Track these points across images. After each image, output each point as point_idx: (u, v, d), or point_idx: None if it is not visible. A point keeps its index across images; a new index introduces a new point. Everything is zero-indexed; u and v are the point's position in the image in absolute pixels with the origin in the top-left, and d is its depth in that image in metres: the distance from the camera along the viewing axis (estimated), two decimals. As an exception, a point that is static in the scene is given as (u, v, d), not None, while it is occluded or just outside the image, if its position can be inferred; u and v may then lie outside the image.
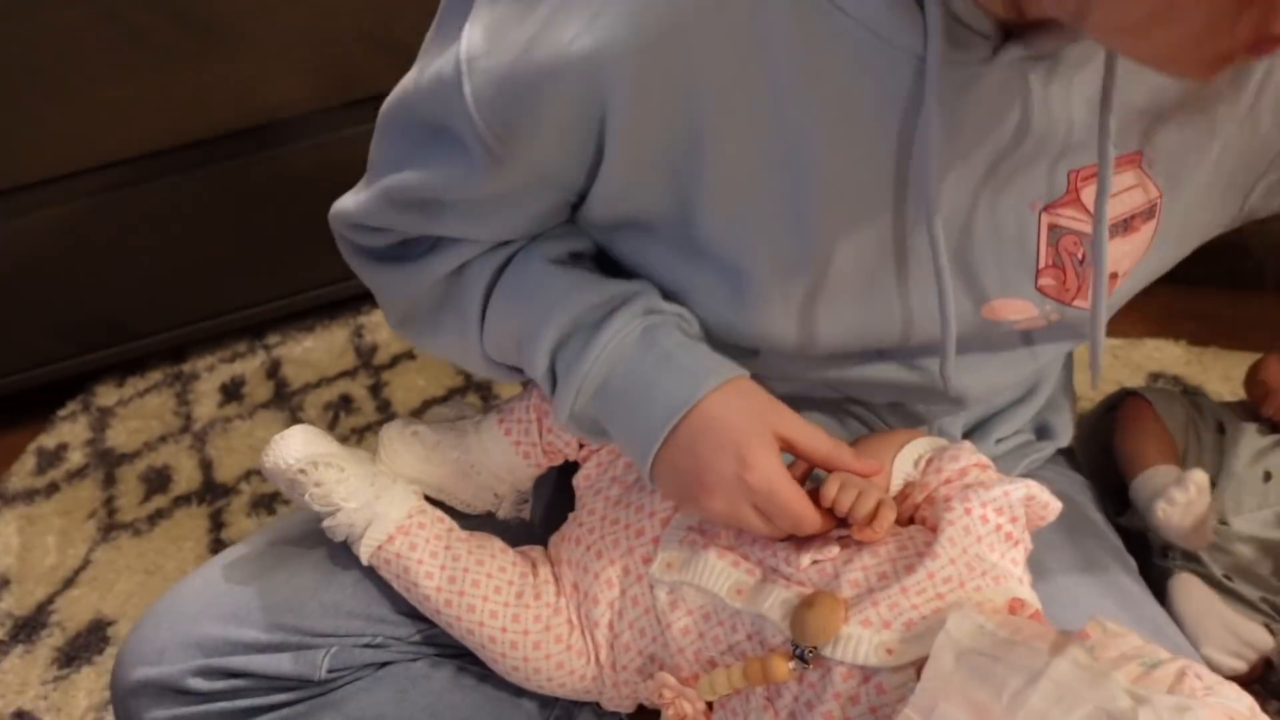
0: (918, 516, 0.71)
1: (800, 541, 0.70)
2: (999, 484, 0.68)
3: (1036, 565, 0.70)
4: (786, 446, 0.68)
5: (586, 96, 0.60)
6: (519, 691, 0.79)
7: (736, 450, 0.66)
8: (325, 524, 0.77)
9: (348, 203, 0.72)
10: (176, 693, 0.73)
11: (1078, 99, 0.62)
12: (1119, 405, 1.01)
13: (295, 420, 1.33)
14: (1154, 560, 0.96)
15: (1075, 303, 0.69)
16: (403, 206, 0.68)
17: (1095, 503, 0.90)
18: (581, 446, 0.80)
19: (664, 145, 0.62)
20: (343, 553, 0.78)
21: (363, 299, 1.47)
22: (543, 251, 0.71)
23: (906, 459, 0.73)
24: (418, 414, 1.31)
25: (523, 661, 0.75)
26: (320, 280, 1.42)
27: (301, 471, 0.75)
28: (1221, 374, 1.18)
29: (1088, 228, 0.66)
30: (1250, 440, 0.99)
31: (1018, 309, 0.69)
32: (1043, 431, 0.91)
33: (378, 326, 1.44)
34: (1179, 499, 0.87)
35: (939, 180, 0.62)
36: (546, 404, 0.78)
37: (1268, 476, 0.97)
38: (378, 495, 0.77)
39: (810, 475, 0.72)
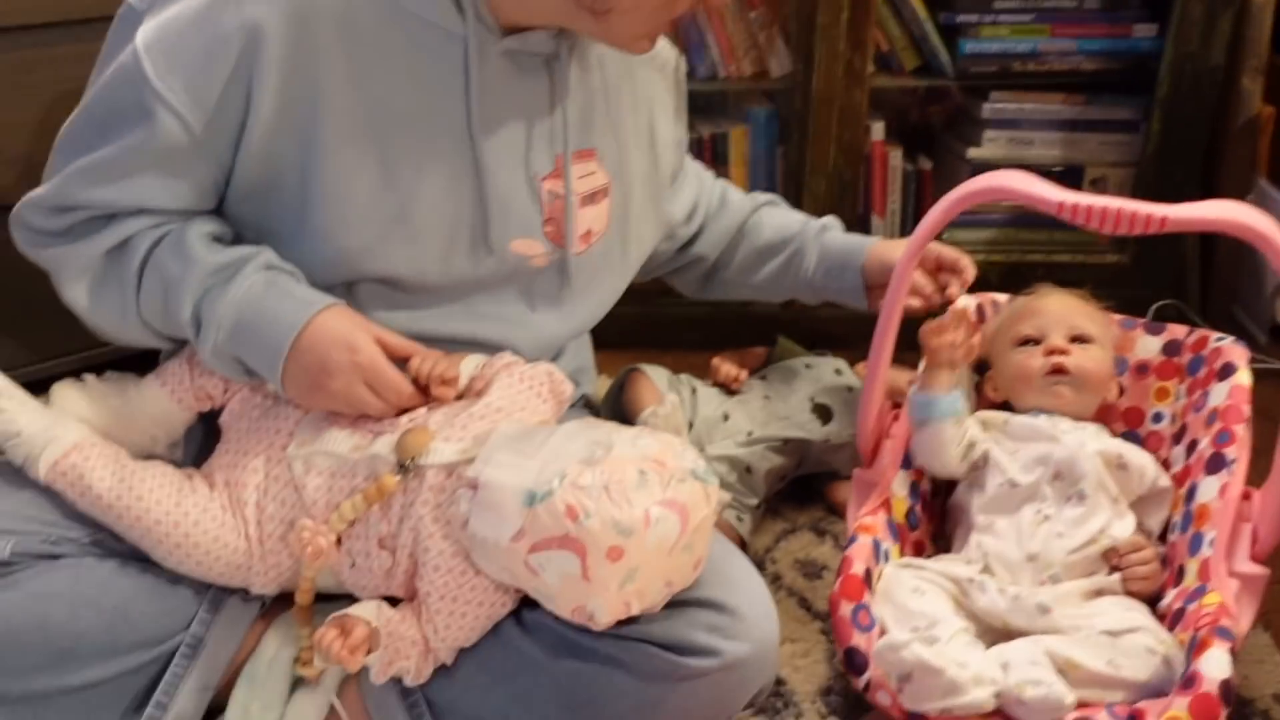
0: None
1: (397, 413, 1.00)
2: (529, 366, 1.03)
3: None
4: (380, 345, 0.99)
5: (241, 62, 0.91)
6: (177, 578, 0.98)
7: (346, 343, 0.95)
8: (7, 446, 0.95)
9: (38, 191, 0.96)
10: None
11: (571, 97, 1.03)
12: (624, 381, 1.41)
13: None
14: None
15: (564, 247, 1.07)
16: (94, 180, 0.93)
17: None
18: (226, 390, 1.05)
19: (295, 104, 0.94)
20: (20, 475, 0.96)
21: None
22: (192, 229, 0.98)
23: (470, 363, 1.06)
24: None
25: (184, 538, 0.96)
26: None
27: (-13, 401, 0.94)
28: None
29: (570, 194, 1.06)
30: (713, 398, 1.43)
31: (532, 247, 1.06)
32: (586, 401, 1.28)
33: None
34: (661, 412, 1.26)
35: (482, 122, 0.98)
36: (197, 355, 1.03)
37: (725, 417, 1.40)
38: (54, 423, 0.97)
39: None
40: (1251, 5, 1.69)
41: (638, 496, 0.87)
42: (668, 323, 1.80)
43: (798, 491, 1.46)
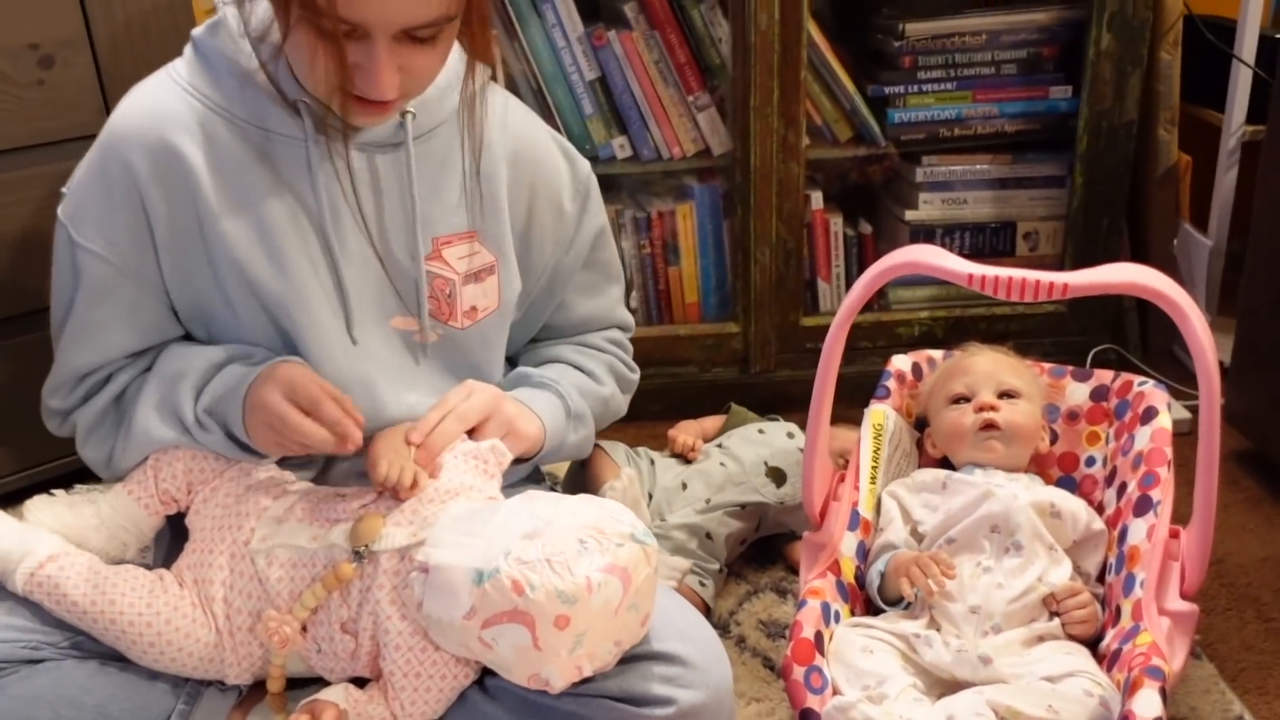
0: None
1: (351, 497, 1.04)
2: (474, 444, 1.08)
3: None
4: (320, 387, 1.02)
5: (129, 198, 1.03)
6: (154, 674, 1.02)
7: (281, 385, 1.01)
8: None
9: (48, 379, 1.12)
10: None
11: (420, 186, 1.08)
12: (584, 460, 1.46)
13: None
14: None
15: (450, 322, 1.13)
16: (75, 348, 1.08)
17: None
18: (189, 492, 1.09)
19: (185, 228, 1.04)
20: (-2, 588, 1.00)
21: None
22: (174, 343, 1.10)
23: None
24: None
25: (157, 636, 1.00)
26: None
27: (-38, 516, 0.98)
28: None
29: (450, 274, 1.12)
30: (671, 468, 1.48)
31: (412, 324, 1.12)
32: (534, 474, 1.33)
33: None
34: (619, 485, 1.32)
35: (339, 224, 1.06)
36: (159, 462, 1.08)
37: (684, 486, 1.45)
38: (29, 535, 1.02)
39: None
40: (1159, 61, 1.79)
41: (579, 565, 0.91)
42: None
43: (758, 553, 1.50)
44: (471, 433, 1.08)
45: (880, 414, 1.29)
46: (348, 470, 1.14)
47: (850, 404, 1.88)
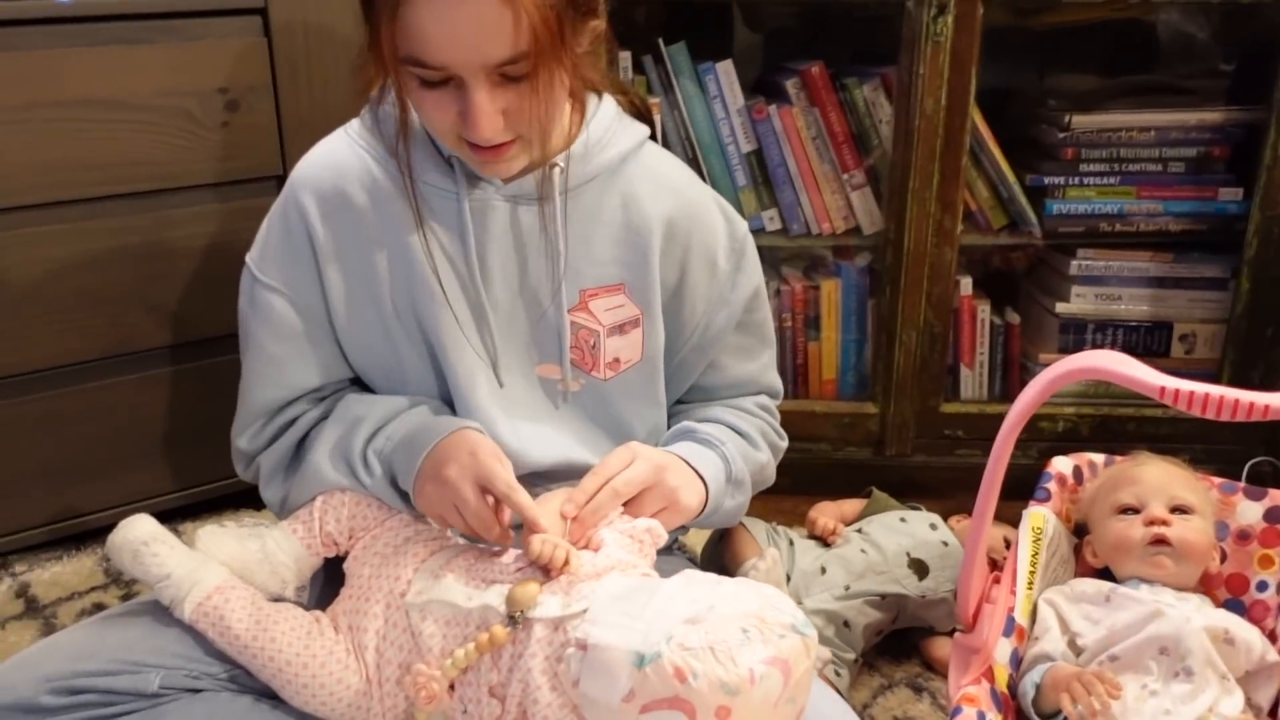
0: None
1: (507, 559, 1.04)
2: (633, 520, 1.07)
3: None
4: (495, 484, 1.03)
5: (306, 242, 1.10)
6: (303, 716, 1.03)
7: (469, 447, 1.04)
8: (157, 587, 1.01)
9: (236, 422, 1.17)
10: (28, 711, 0.92)
11: (568, 239, 1.11)
12: (723, 533, 1.44)
13: (50, 628, 1.48)
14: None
15: (593, 373, 1.15)
16: (258, 387, 1.13)
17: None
18: (350, 538, 1.11)
19: (348, 266, 1.10)
20: (167, 614, 1.02)
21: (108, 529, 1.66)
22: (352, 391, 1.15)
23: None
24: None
25: (311, 678, 1.01)
26: (70, 512, 1.62)
27: (144, 544, 1.01)
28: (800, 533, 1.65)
29: (595, 325, 1.13)
30: (809, 550, 1.45)
31: (556, 371, 1.14)
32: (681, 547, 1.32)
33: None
34: (762, 566, 1.29)
35: (488, 273, 1.11)
36: (326, 504, 1.10)
37: (823, 570, 1.42)
38: (199, 566, 1.04)
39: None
40: (1338, 170, 1.72)
41: (742, 655, 0.89)
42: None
43: (893, 646, 1.46)
44: (631, 502, 1.07)
45: (1040, 517, 1.25)
46: None
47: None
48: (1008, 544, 1.50)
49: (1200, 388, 0.99)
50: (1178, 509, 1.20)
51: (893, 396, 1.81)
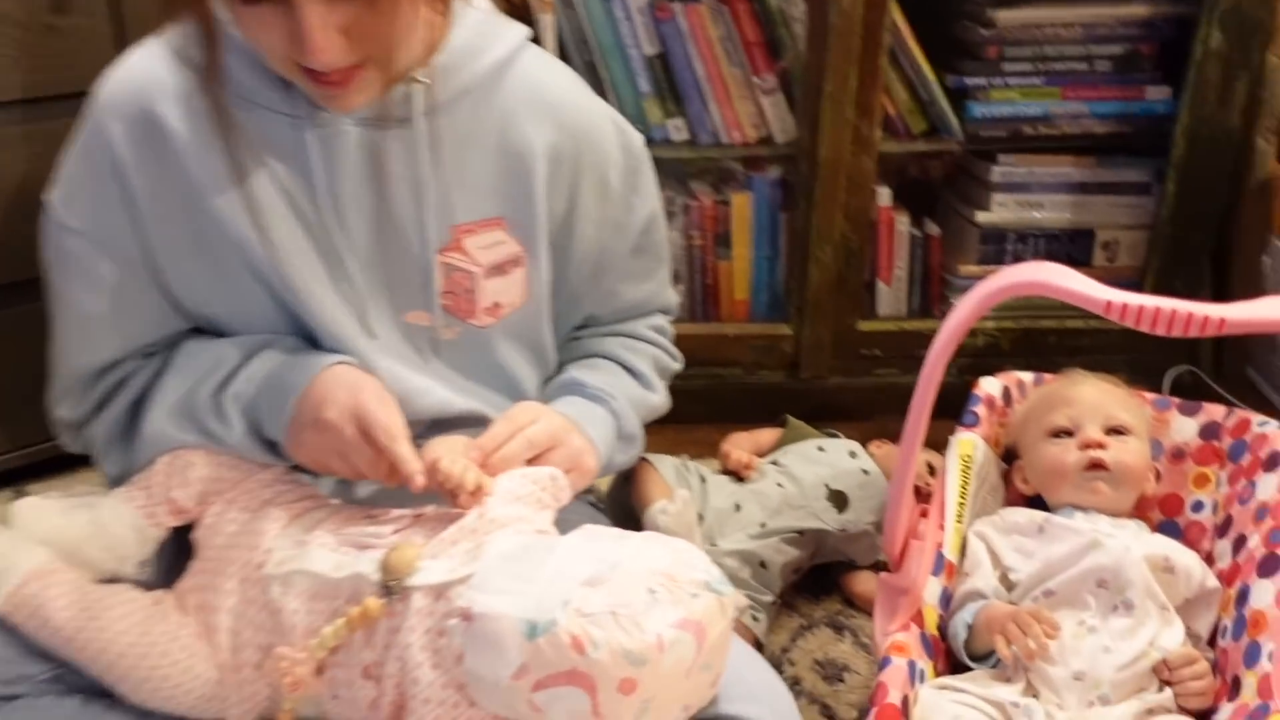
0: None
1: (384, 519, 0.91)
2: (534, 468, 0.95)
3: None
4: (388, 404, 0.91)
5: (114, 175, 0.92)
6: (144, 714, 0.89)
7: (347, 386, 0.91)
8: None
9: (51, 389, 1.00)
10: None
11: (437, 168, 0.95)
12: (629, 473, 1.33)
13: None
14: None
15: (470, 320, 1.01)
16: (76, 350, 0.97)
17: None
18: (200, 502, 0.96)
19: (172, 208, 0.93)
20: (-26, 608, 0.87)
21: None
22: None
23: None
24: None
25: (151, 670, 0.87)
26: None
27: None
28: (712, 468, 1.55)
29: (471, 267, 0.99)
30: (723, 486, 1.35)
31: (426, 318, 1.00)
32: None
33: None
34: (671, 509, 1.19)
35: (342, 212, 0.94)
36: (172, 465, 0.95)
37: (737, 508, 1.32)
38: (12, 549, 0.88)
39: None
40: (1267, 66, 1.64)
41: (649, 618, 0.78)
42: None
43: (811, 583, 1.37)
44: (532, 462, 0.95)
45: (969, 444, 1.16)
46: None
47: (903, 414, 1.74)
48: (931, 470, 1.42)
49: (1150, 302, 0.90)
50: (1113, 430, 1.13)
51: (808, 316, 1.71)
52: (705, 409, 1.75)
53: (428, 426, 1.00)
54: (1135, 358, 1.79)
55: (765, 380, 1.77)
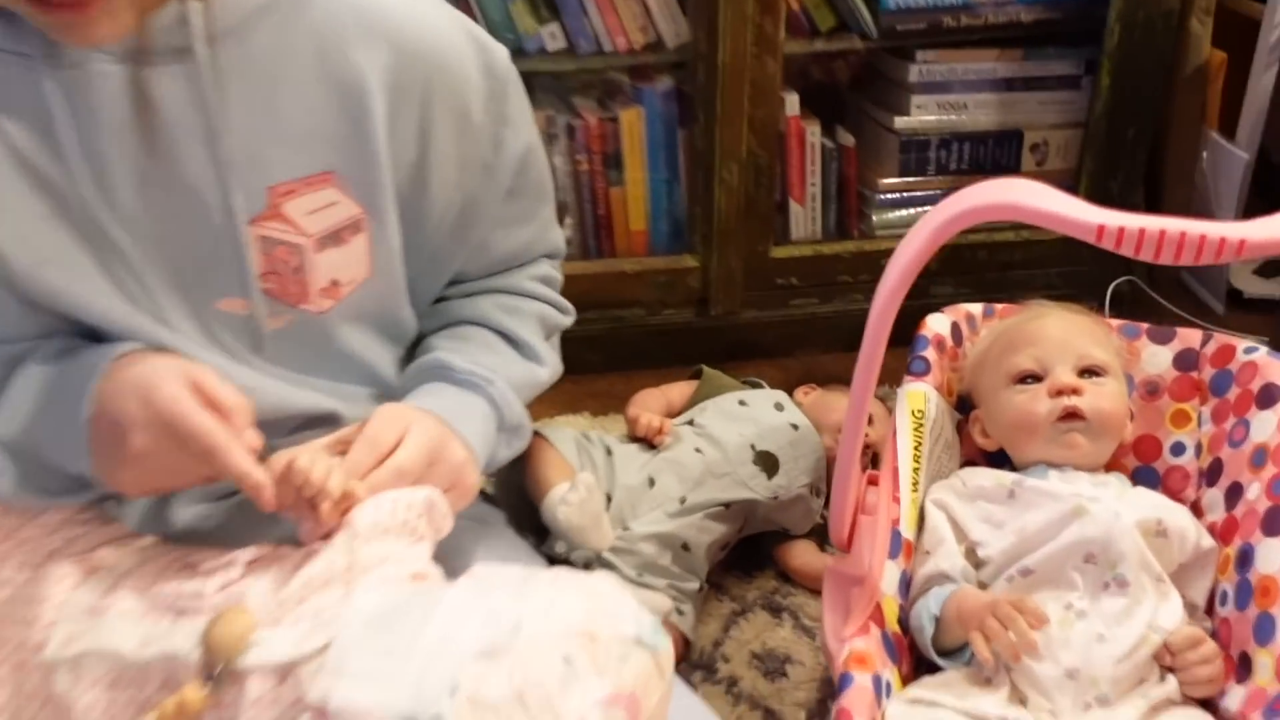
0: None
1: (207, 570, 0.70)
2: (406, 490, 0.74)
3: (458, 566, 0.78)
4: (198, 393, 0.69)
5: None
6: None
7: (138, 391, 0.68)
8: None
9: None
10: None
11: (235, 112, 0.72)
12: (521, 456, 1.13)
13: None
14: (581, 578, 1.07)
15: (303, 305, 0.78)
16: None
17: (510, 526, 0.98)
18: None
19: None
20: None
21: None
22: None
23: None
24: None
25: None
26: None
27: None
28: (620, 431, 1.35)
29: (296, 238, 0.76)
30: (633, 457, 1.16)
31: (244, 306, 0.77)
32: None
33: None
34: (573, 498, 0.99)
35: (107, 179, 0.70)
36: None
37: (651, 482, 1.13)
38: None
39: None
40: (1202, -61, 1.49)
41: (567, 700, 0.59)
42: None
43: (741, 559, 1.20)
44: None
45: (920, 396, 0.99)
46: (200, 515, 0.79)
47: (828, 349, 1.59)
48: (868, 419, 1.25)
49: (1153, 224, 0.71)
50: (1087, 371, 0.97)
51: (715, 245, 1.52)
52: (605, 356, 1.56)
53: (269, 428, 0.78)
54: (1072, 270, 1.65)
55: (671, 320, 1.58)
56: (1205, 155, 1.66)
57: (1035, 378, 0.97)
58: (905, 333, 0.97)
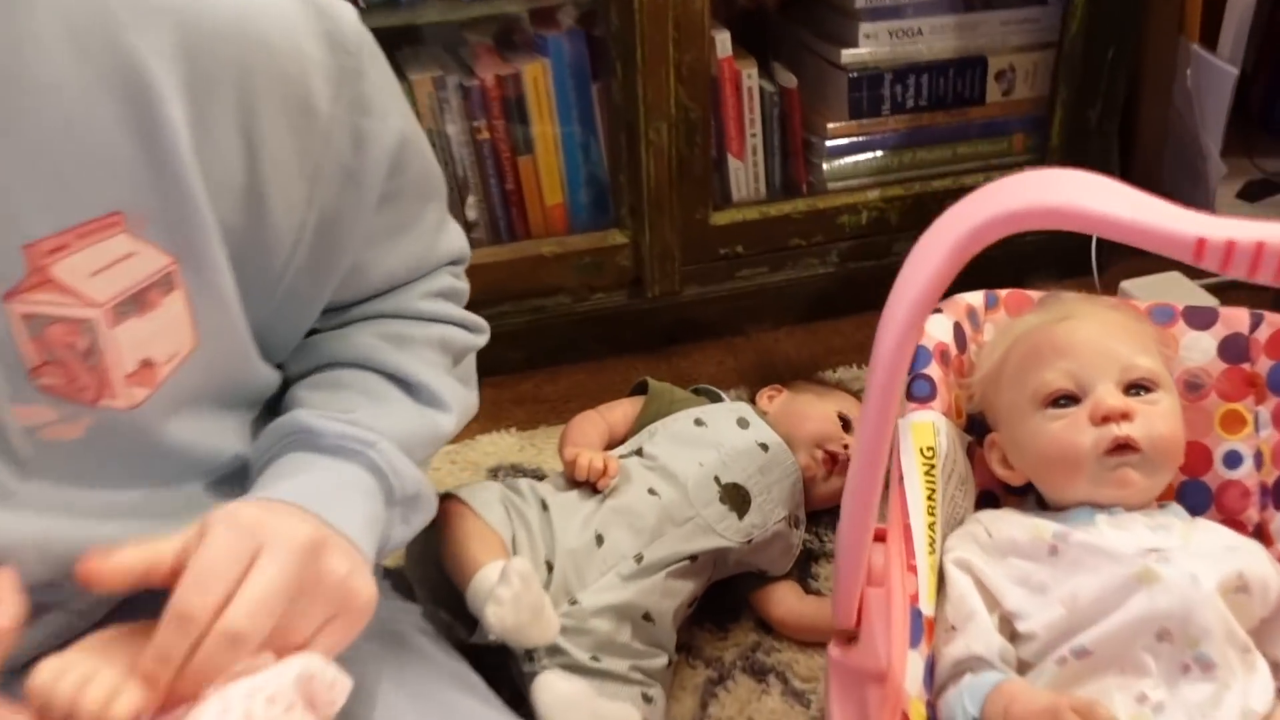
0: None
1: None
2: (264, 675, 0.52)
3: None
4: None
5: None
6: None
7: None
8: None
9: None
10: None
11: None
12: (434, 526, 0.91)
13: None
14: (522, 669, 0.87)
15: (103, 402, 0.56)
16: None
17: (424, 627, 0.77)
18: None
19: None
20: None
21: None
22: None
23: None
24: None
25: None
26: None
27: None
28: (554, 450, 1.15)
29: (78, 310, 0.54)
30: (575, 508, 0.95)
31: (41, 414, 0.55)
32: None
33: None
34: (505, 596, 0.78)
35: None
36: None
37: (600, 539, 0.92)
38: None
39: None
40: None
41: None
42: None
43: (713, 608, 1.01)
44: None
45: (928, 430, 0.79)
46: None
47: (781, 323, 1.40)
48: (846, 425, 1.06)
49: (1272, 234, 0.52)
50: (1134, 386, 0.78)
51: (646, 216, 1.30)
52: (527, 353, 1.35)
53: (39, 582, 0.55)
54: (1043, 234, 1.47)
55: (602, 305, 1.36)
56: (1191, 72, 1.47)
57: (1071, 398, 0.78)
58: (872, 297, 0.75)
